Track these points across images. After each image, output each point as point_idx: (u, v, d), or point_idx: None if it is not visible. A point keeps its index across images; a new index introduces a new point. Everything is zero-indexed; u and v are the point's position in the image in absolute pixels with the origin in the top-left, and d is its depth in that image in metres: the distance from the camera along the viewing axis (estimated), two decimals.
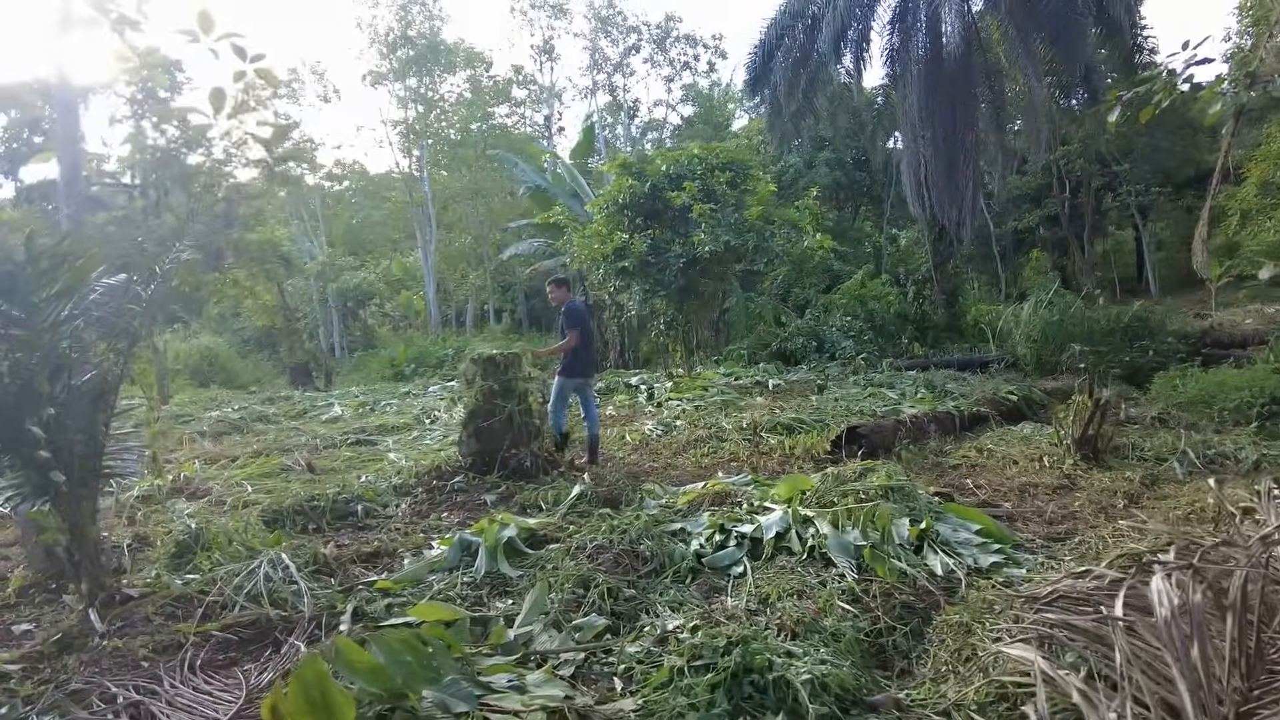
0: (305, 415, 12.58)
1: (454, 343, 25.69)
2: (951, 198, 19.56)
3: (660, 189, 11.83)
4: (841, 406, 8.59)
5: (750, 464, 6.46)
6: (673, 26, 30.69)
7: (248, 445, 9.68)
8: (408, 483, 6.07)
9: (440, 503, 5.67)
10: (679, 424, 8.16)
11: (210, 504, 6.42)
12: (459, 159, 30.13)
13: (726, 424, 7.75)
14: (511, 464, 6.04)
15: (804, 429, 7.47)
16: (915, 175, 20.43)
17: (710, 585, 3.82)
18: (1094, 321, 15.30)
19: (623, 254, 11.41)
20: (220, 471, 7.62)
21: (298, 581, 3.95)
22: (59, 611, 4.27)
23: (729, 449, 7.02)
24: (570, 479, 6.11)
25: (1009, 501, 5.22)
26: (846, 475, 4.72)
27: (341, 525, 5.36)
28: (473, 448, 6.15)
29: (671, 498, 5.17)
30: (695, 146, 12.04)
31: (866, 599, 3.41)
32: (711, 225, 10.62)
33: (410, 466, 6.68)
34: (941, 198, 19.67)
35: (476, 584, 3.95)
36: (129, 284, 4.15)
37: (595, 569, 3.80)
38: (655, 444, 7.64)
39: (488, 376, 6.09)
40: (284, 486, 6.98)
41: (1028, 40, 18.34)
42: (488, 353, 6.26)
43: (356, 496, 5.63)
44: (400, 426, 10.24)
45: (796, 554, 3.90)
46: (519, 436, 6.14)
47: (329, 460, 8.15)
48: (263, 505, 5.88)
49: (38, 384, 3.45)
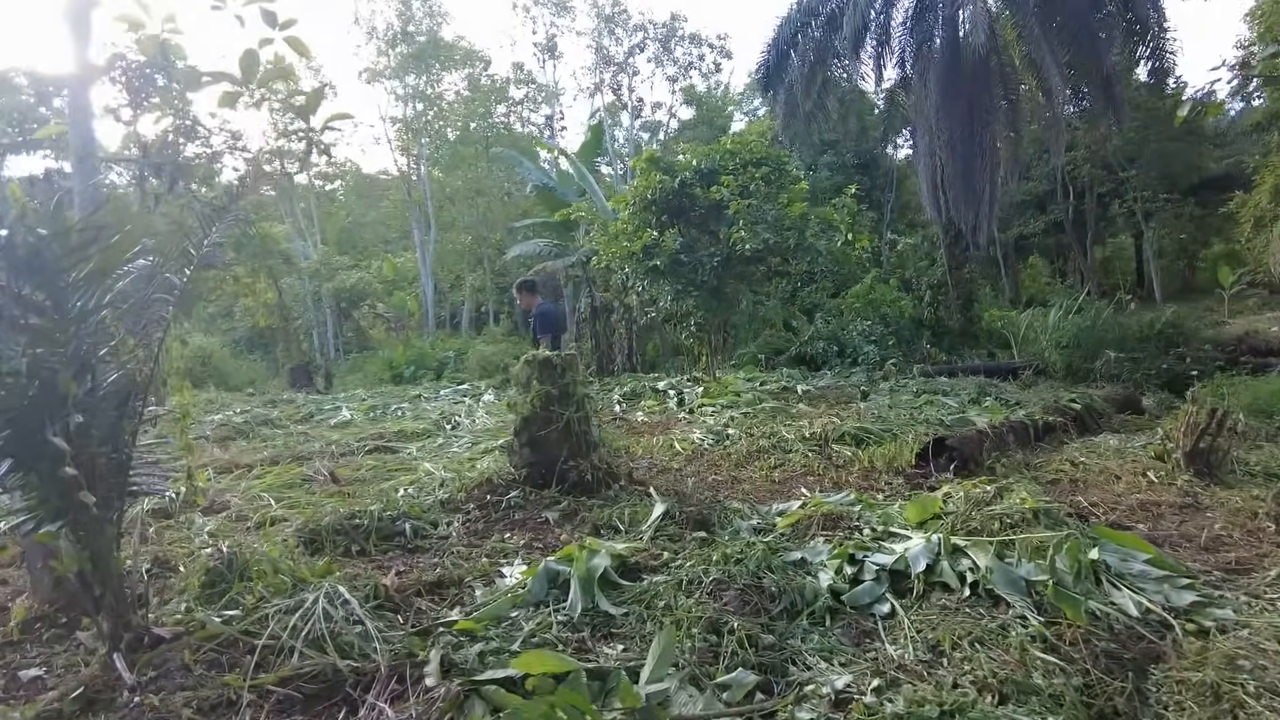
0: (312, 419, 11.89)
1: (454, 345, 25.04)
2: (968, 200, 19.16)
3: (689, 185, 11.28)
4: (903, 415, 8.04)
5: (832, 479, 5.89)
6: (678, 26, 30.21)
7: (257, 452, 9.01)
8: (455, 497, 5.45)
9: (497, 520, 5.06)
10: (731, 433, 7.58)
11: (231, 519, 5.78)
12: (458, 157, 29.48)
13: (787, 434, 7.17)
14: (571, 477, 5.43)
15: (873, 439, 6.92)
16: (931, 177, 20.01)
17: (856, 628, 3.25)
18: (1126, 328, 14.91)
19: (651, 252, 10.83)
20: (235, 482, 6.97)
21: (363, 621, 3.34)
22: (72, 652, 3.64)
23: (797, 461, 6.44)
24: (635, 494, 5.52)
25: (1140, 523, 4.68)
26: (978, 496, 4.15)
27: (389, 547, 4.74)
28: (527, 459, 5.54)
29: (765, 519, 4.59)
30: (728, 141, 11.51)
31: (1064, 647, 2.85)
32: (750, 222, 10.08)
33: (452, 479, 6.06)
34: (958, 200, 19.28)
35: (574, 624, 3.36)
36: (160, 268, 3.54)
37: (723, 609, 3.22)
38: (711, 455, 7.06)
39: (544, 380, 5.49)
40: (309, 499, 6.35)
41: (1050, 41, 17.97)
42: (541, 354, 5.65)
43: (403, 514, 5.01)
44: (421, 433, 9.58)
45: (954, 590, 3.33)
46: (578, 447, 5.54)
47: (352, 470, 7.51)
48: (295, 522, 5.26)
49: (62, 385, 2.83)
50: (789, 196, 10.77)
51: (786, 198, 10.93)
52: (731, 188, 10.17)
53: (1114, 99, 19.40)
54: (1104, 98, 19.18)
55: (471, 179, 28.62)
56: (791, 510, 4.58)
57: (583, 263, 20.97)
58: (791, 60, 21.39)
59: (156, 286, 3.53)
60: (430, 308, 30.10)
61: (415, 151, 29.83)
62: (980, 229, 19.65)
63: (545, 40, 31.17)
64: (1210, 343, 14.27)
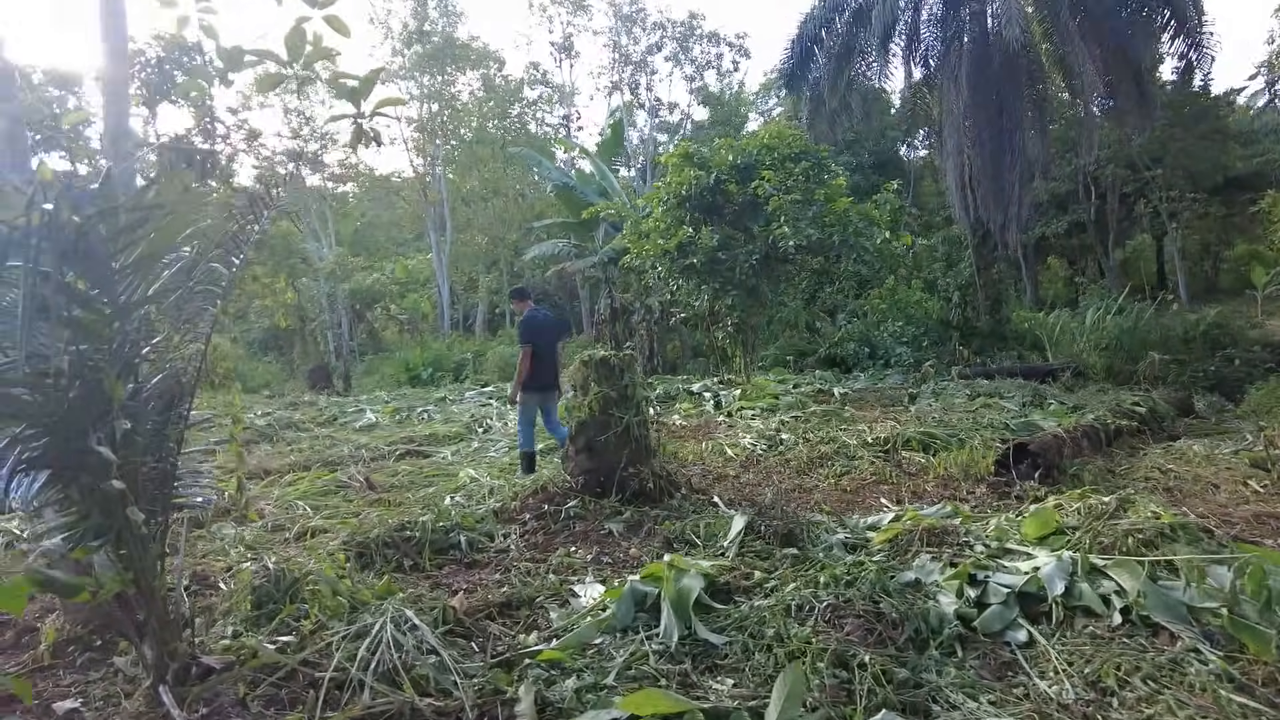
0: (336, 422, 11.58)
1: (471, 346, 24.71)
2: (997, 200, 18.78)
3: (723, 181, 10.92)
4: (964, 419, 7.64)
5: (909, 489, 5.51)
6: (696, 24, 29.84)
7: (284, 456, 8.69)
8: (509, 506, 5.09)
9: (557, 532, 4.70)
10: (785, 438, 7.20)
11: (267, 530, 5.44)
12: (474, 158, 29.19)
13: (847, 439, 6.79)
14: (631, 485, 5.08)
15: (939, 445, 6.54)
16: (959, 177, 19.60)
17: (994, 658, 2.87)
18: (1169, 329, 14.46)
19: (686, 250, 10.47)
20: (267, 490, 6.64)
21: (437, 650, 2.98)
22: (110, 680, 3.31)
23: (865, 468, 6.06)
24: (699, 503, 5.16)
25: (1266, 539, 4.28)
26: (1098, 509, 3.77)
27: (444, 561, 4.39)
28: (584, 465, 5.18)
29: (855, 533, 4.22)
30: (765, 135, 11.14)
31: (1258, 688, 2.47)
32: (793, 218, 9.70)
33: (502, 486, 5.70)
34: (987, 200, 18.91)
35: (671, 653, 2.99)
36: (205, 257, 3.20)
37: (846, 639, 2.85)
38: (766, 461, 6.69)
39: (602, 382, 5.13)
40: (346, 507, 6.02)
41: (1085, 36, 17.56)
42: (599, 354, 5.30)
43: (456, 525, 4.66)
44: (453, 436, 9.25)
45: (1101, 617, 2.95)
46: (638, 453, 5.18)
47: (386, 475, 7.17)
48: (338, 533, 4.91)
49: (108, 387, 2.48)
50: (828, 192, 10.40)
51: (824, 194, 10.55)
52: (773, 182, 9.80)
53: (1145, 96, 19.00)
54: (1135, 95, 18.76)
55: (488, 179, 28.31)
56: (886, 523, 4.20)
57: (603, 264, 20.65)
58: (815, 58, 21.07)
59: (201, 277, 3.19)
60: (446, 309, 29.77)
61: (431, 152, 29.55)
62: (1009, 229, 19.26)
63: (562, 39, 30.89)
64: (1258, 344, 13.80)
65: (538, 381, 6.76)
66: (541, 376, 6.79)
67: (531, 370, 6.67)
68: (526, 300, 7.13)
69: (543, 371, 6.78)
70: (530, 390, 6.76)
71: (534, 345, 6.65)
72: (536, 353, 6.66)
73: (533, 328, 6.76)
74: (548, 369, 6.85)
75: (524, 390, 6.71)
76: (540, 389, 6.84)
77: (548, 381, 6.90)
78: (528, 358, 6.62)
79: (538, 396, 6.86)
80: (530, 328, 6.76)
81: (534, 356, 6.65)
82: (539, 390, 6.83)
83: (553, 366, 6.92)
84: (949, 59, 18.83)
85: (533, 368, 6.66)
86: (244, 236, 3.34)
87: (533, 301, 7.17)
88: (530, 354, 6.62)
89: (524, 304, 7.07)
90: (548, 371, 6.86)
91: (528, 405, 6.83)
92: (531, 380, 6.71)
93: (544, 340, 6.79)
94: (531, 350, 6.63)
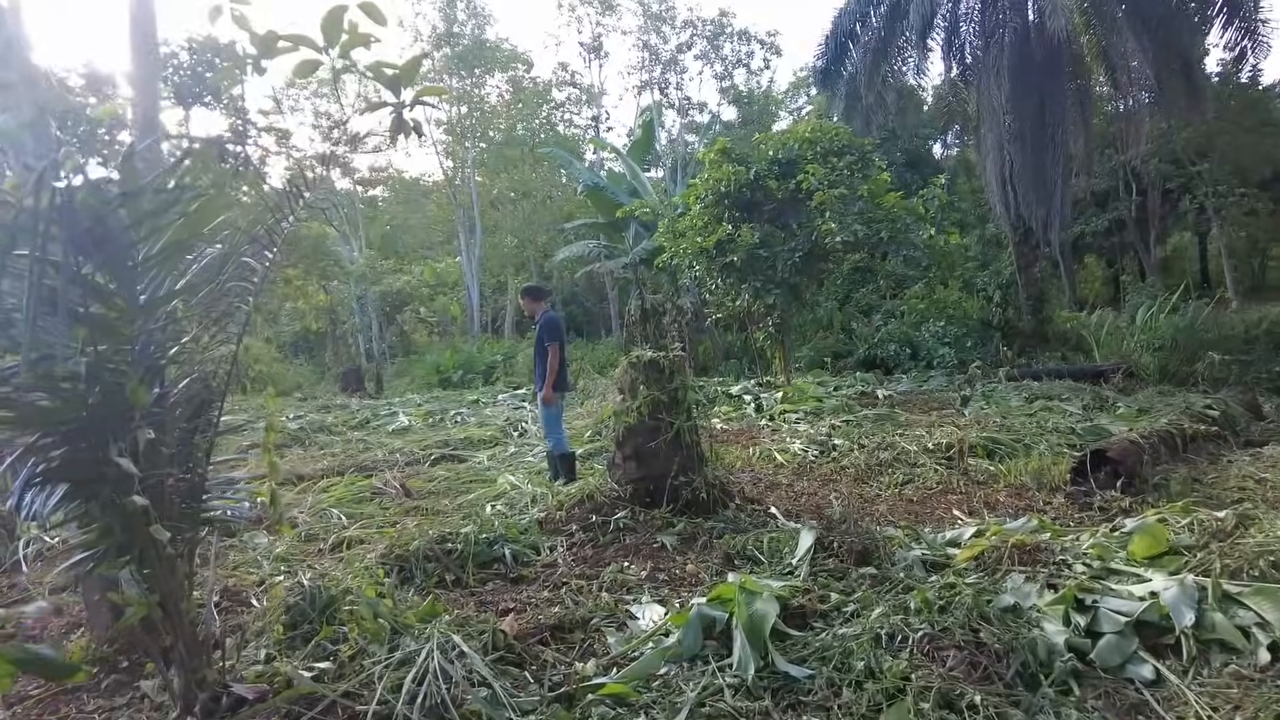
0: (369, 425, 11.41)
1: (501, 348, 24.54)
2: (1039, 196, 18.24)
3: (763, 177, 10.57)
4: (1028, 424, 7.22)
5: (982, 499, 5.14)
6: (727, 22, 29.46)
7: (315, 461, 8.51)
8: (554, 516, 4.81)
9: (606, 545, 4.40)
10: (838, 443, 6.84)
11: (300, 540, 5.22)
12: (504, 159, 29.06)
13: (905, 444, 6.42)
14: (683, 495, 4.77)
15: (1003, 451, 6.15)
16: (1000, 173, 19.08)
17: (1117, 699, 2.53)
18: (1227, 327, 13.84)
19: (725, 248, 10.14)
20: (300, 496, 6.43)
21: (489, 683, 2.70)
22: (137, 707, 3.08)
23: (929, 476, 5.70)
24: (754, 514, 4.84)
25: None
26: (1212, 526, 3.39)
27: (488, 576, 4.12)
28: (633, 473, 4.89)
29: (933, 549, 3.87)
30: (806, 129, 10.78)
31: None
32: (839, 214, 9.33)
33: (544, 494, 5.42)
34: (1028, 196, 18.39)
35: (748, 688, 2.68)
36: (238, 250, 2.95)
37: (950, 675, 2.52)
38: (820, 468, 6.35)
39: (651, 384, 4.83)
40: (383, 515, 5.78)
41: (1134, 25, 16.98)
42: (647, 355, 5.00)
43: (500, 536, 4.39)
44: (489, 440, 9.01)
45: (1243, 653, 2.59)
46: (689, 460, 4.87)
47: (423, 481, 6.93)
48: (375, 544, 4.66)
49: (130, 392, 2.23)
50: (871, 187, 10.01)
51: (867, 189, 10.14)
52: (819, 175, 9.43)
53: (1195, 87, 18.35)
54: (1184, 86, 18.12)
55: (517, 180, 28.16)
56: (967, 539, 3.85)
57: (634, 265, 20.37)
58: (850, 53, 20.71)
59: (233, 272, 2.93)
60: (475, 312, 29.67)
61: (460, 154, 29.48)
62: (1051, 226, 18.75)
63: (591, 39, 30.67)
64: None
65: (563, 379, 6.62)
66: (564, 377, 6.68)
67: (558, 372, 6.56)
68: (544, 301, 6.91)
69: (564, 372, 6.69)
70: (556, 391, 6.58)
71: (560, 344, 6.48)
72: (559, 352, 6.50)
73: (555, 326, 6.58)
74: (564, 370, 6.75)
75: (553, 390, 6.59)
76: (563, 390, 6.72)
77: (566, 384, 6.82)
78: (557, 356, 6.42)
79: (560, 398, 6.70)
80: (555, 326, 6.57)
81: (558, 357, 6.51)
82: (562, 392, 6.71)
83: (567, 367, 6.85)
84: (989, 52, 18.33)
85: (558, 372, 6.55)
86: (277, 231, 3.09)
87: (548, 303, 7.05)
88: (559, 352, 6.43)
89: (541, 304, 6.84)
90: (565, 373, 6.77)
91: (557, 406, 6.64)
92: (560, 380, 6.55)
93: (562, 342, 6.63)
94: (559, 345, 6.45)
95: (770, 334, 10.52)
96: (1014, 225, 20.14)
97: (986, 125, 19.59)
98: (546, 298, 7.02)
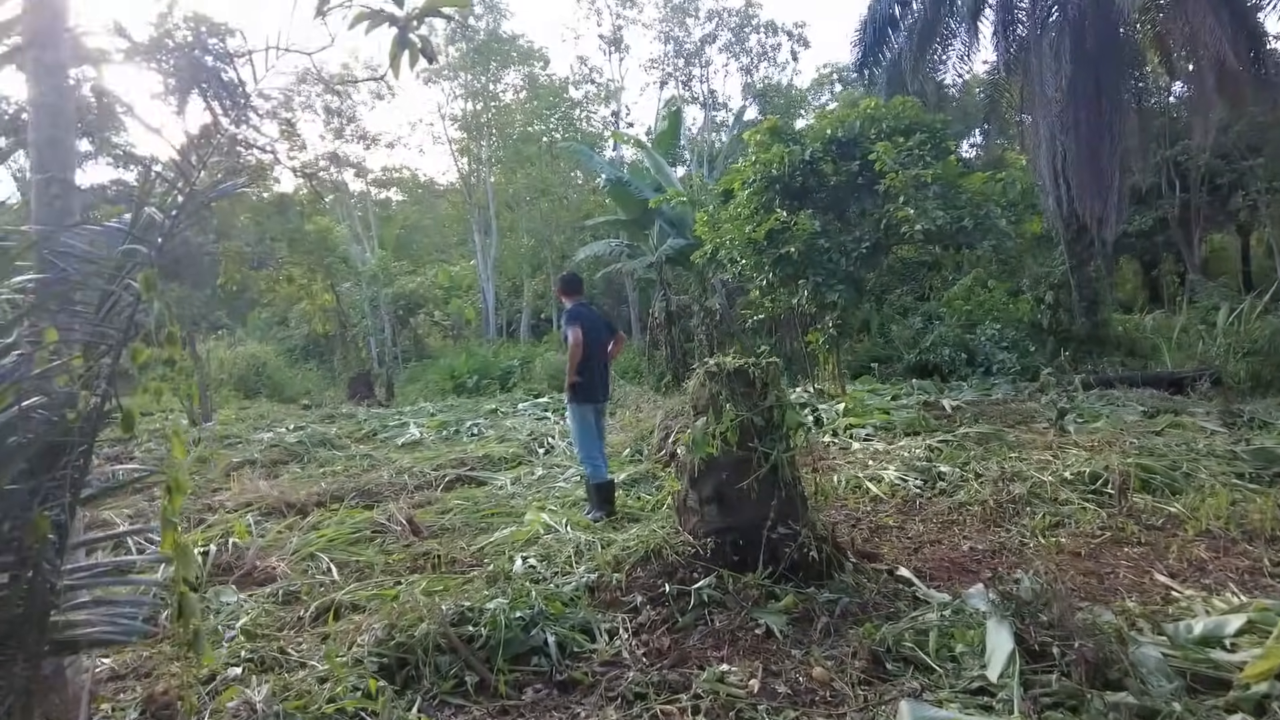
0: (376, 438, 10.23)
1: (518, 353, 23.37)
2: (1096, 190, 16.91)
3: (817, 160, 9.32)
4: (1173, 447, 5.86)
5: (1177, 554, 3.86)
6: (753, 13, 28.20)
7: (313, 481, 7.31)
8: (608, 579, 3.57)
9: (687, 629, 3.17)
10: (943, 470, 5.56)
11: (277, 600, 4.02)
12: (521, 156, 27.95)
13: (1034, 472, 5.14)
14: (785, 553, 3.52)
15: (1160, 482, 4.87)
16: (1051, 164, 17.78)
17: None
18: None
19: (779, 239, 8.88)
20: (286, 533, 5.23)
21: None
22: None
23: (1083, 518, 4.42)
24: (879, 580, 3.59)
25: None
26: None
27: (524, 676, 2.89)
28: (714, 522, 3.65)
29: (1184, 647, 2.61)
30: (868, 104, 9.52)
31: None
32: (917, 199, 8.07)
33: (589, 540, 4.18)
34: (1083, 189, 17.09)
35: None
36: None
37: None
38: (930, 504, 5.08)
39: (738, 401, 3.60)
40: (384, 560, 4.57)
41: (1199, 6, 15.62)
42: (731, 362, 3.76)
43: (539, 612, 3.16)
44: (510, 458, 7.79)
45: None
46: (790, 505, 3.63)
47: (435, 514, 5.72)
48: (372, 614, 3.43)
49: None
50: (943, 170, 8.72)
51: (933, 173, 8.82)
52: (892, 155, 8.16)
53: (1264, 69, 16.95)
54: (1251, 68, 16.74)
55: (535, 177, 27.02)
56: (1231, 631, 2.58)
57: (660, 264, 19.18)
58: (889, 39, 19.56)
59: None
60: (491, 315, 28.53)
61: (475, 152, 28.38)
62: (1106, 222, 17.43)
63: (611, 32, 29.49)
64: None
65: (592, 384, 5.58)
66: (595, 382, 5.62)
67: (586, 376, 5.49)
68: (577, 294, 5.87)
69: (597, 376, 5.63)
70: (585, 401, 5.57)
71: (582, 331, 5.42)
72: (590, 351, 5.47)
73: (575, 314, 5.57)
74: (601, 372, 5.71)
75: (579, 401, 5.54)
76: (595, 397, 5.66)
77: (602, 389, 5.75)
78: (578, 343, 5.36)
79: (593, 408, 5.66)
80: (574, 314, 5.58)
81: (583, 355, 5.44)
82: (594, 400, 5.65)
83: (600, 372, 5.71)
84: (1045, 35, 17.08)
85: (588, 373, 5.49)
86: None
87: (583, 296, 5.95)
88: (581, 337, 5.38)
89: (573, 297, 5.83)
90: (601, 376, 5.72)
91: (584, 419, 5.58)
92: (588, 385, 5.53)
93: (591, 338, 5.53)
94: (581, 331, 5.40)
95: (831, 336, 9.26)
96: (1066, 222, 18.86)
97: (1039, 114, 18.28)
98: (579, 290, 5.88)
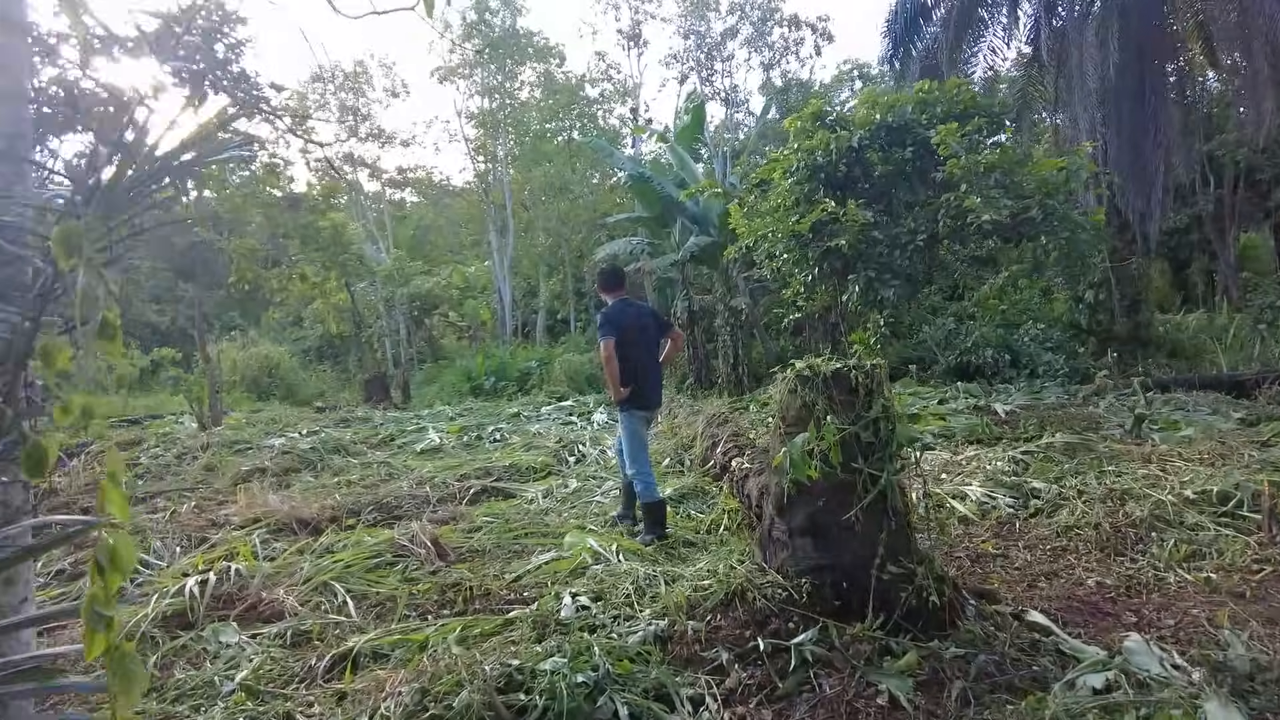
0: (393, 443, 9.66)
1: (536, 354, 22.78)
2: (1138, 185, 16.21)
3: (865, 148, 8.68)
4: None
5: None
6: (775, 6, 27.45)
7: (327, 492, 6.73)
8: (681, 627, 2.95)
9: (788, 698, 2.55)
10: (1038, 487, 4.91)
11: (284, 643, 3.43)
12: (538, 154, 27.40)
13: (1145, 489, 4.48)
14: (900, 598, 2.89)
15: None
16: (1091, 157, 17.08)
17: None
18: None
19: (825, 231, 8.25)
20: (297, 557, 4.64)
21: None
22: None
23: (1229, 549, 3.76)
24: (1008, 629, 2.95)
25: None
26: None
27: None
28: (810, 559, 3.02)
29: None
30: (921, 87, 8.86)
31: None
32: (981, 186, 7.40)
33: (648, 575, 3.57)
34: (1126, 185, 16.39)
35: None
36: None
37: None
38: (1030, 527, 4.44)
39: (839, 413, 2.97)
40: (407, 593, 3.97)
41: None
42: (825, 365, 3.12)
43: (604, 675, 2.55)
44: (540, 467, 7.18)
45: None
46: (900, 538, 3.00)
47: (461, 534, 5.11)
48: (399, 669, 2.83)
49: None
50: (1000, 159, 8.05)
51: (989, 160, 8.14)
52: (955, 137, 7.49)
53: None
54: None
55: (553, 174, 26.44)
56: None
57: (681, 263, 18.55)
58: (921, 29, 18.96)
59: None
60: (507, 315, 27.96)
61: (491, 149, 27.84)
62: (1150, 218, 16.73)
63: (630, 27, 28.86)
64: None
65: (640, 391, 5.00)
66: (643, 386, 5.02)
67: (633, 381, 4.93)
68: (618, 290, 5.22)
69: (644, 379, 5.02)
70: (635, 408, 4.98)
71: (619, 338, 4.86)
72: (624, 354, 4.88)
73: (608, 318, 4.99)
74: (648, 376, 5.07)
75: (629, 409, 4.96)
76: (645, 404, 5.08)
77: (650, 395, 5.12)
78: (612, 354, 4.82)
79: (642, 416, 5.08)
80: (607, 318, 4.99)
81: (622, 359, 4.87)
82: (644, 407, 5.07)
83: (649, 375, 5.09)
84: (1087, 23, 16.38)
85: (633, 378, 4.93)
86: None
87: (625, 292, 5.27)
88: (613, 348, 4.83)
89: (615, 293, 5.19)
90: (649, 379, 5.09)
91: (635, 429, 4.99)
92: (636, 392, 4.96)
93: (631, 338, 4.95)
94: (614, 343, 4.84)
95: (883, 335, 8.60)
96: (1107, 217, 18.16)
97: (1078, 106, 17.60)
98: (620, 285, 5.23)
